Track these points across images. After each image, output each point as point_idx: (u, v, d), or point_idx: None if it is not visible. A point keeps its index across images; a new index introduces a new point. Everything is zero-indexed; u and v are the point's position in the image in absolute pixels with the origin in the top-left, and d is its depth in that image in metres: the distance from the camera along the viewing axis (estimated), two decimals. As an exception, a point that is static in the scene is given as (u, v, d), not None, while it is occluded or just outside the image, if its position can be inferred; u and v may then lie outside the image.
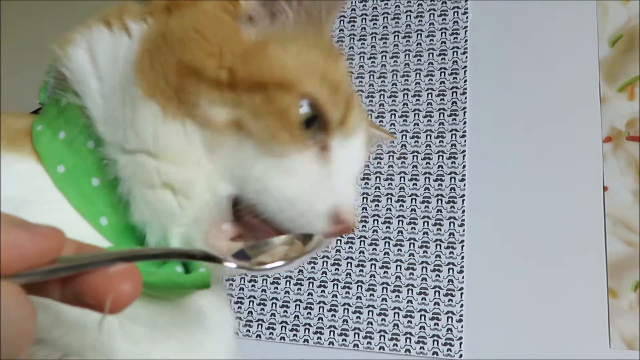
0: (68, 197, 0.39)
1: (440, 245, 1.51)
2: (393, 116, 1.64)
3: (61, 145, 0.40)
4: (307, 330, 1.55)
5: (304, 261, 0.42)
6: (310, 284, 1.59)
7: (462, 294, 1.46)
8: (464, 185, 1.53)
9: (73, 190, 0.39)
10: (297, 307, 1.58)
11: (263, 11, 0.43)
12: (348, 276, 1.56)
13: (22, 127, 0.42)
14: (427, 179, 1.56)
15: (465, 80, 1.60)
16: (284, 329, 1.58)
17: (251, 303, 1.63)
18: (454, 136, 1.57)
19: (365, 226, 1.58)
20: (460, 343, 1.43)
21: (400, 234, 1.55)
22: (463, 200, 1.52)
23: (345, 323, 1.53)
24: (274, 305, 1.60)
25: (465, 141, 1.56)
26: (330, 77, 0.43)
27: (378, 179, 1.61)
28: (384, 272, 1.53)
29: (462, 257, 1.48)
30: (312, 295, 1.58)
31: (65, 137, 0.40)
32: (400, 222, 1.56)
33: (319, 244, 0.38)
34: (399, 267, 1.53)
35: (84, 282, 0.26)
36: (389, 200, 1.58)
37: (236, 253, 0.36)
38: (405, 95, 1.65)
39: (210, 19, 0.41)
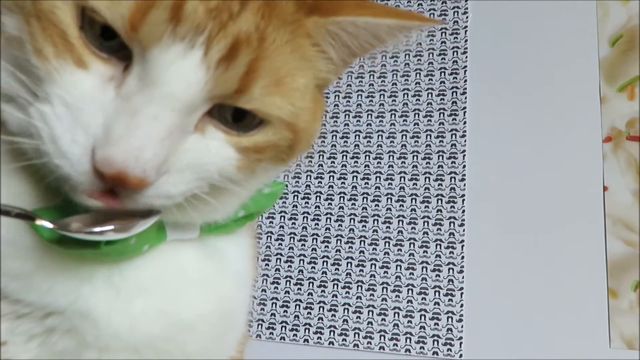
0: None
1: (440, 245, 1.51)
2: (393, 116, 1.64)
3: None
4: (307, 330, 1.55)
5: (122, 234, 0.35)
6: (310, 284, 1.59)
7: (462, 294, 1.46)
8: (464, 185, 1.53)
9: None
10: (297, 307, 1.58)
11: None
12: (348, 276, 1.56)
13: None
14: (427, 179, 1.56)
15: (465, 80, 1.60)
16: (284, 329, 1.58)
17: (252, 302, 1.63)
18: (454, 136, 1.57)
19: (365, 226, 1.58)
20: (460, 343, 1.43)
21: (400, 234, 1.55)
22: (463, 200, 1.52)
23: (345, 323, 1.53)
24: (274, 305, 1.60)
25: (465, 141, 1.56)
26: None
27: (378, 179, 1.61)
28: (384, 272, 1.53)
29: (462, 257, 1.48)
30: (312, 295, 1.58)
31: None
32: (400, 222, 1.56)
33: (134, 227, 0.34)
34: (399, 267, 1.53)
35: None
36: (389, 200, 1.58)
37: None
38: (405, 95, 1.65)
39: None
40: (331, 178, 1.65)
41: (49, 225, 0.33)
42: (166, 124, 0.32)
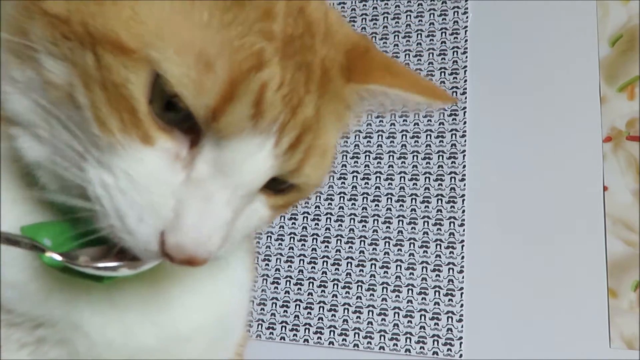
0: None
1: (440, 245, 1.51)
2: (393, 116, 1.64)
3: None
4: (307, 330, 1.55)
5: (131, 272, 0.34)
6: (310, 284, 1.59)
7: (462, 294, 1.46)
8: (464, 185, 1.53)
9: None
10: (297, 307, 1.58)
11: None
12: (348, 276, 1.56)
13: None
14: (427, 179, 1.56)
15: (465, 80, 1.60)
16: (284, 329, 1.58)
17: (251, 303, 1.63)
18: (454, 136, 1.57)
19: (365, 226, 1.58)
20: (460, 343, 1.43)
21: (400, 234, 1.55)
22: (463, 200, 1.52)
23: (345, 323, 1.53)
24: (274, 305, 1.60)
25: (465, 141, 1.56)
26: (202, 45, 0.30)
27: (378, 179, 1.61)
28: (384, 272, 1.53)
29: (462, 257, 1.48)
30: (312, 295, 1.58)
31: None
32: (400, 222, 1.56)
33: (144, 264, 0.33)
34: (399, 267, 1.53)
35: None
36: (389, 200, 1.58)
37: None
38: (405, 95, 1.64)
39: None
40: (331, 178, 1.65)
41: (59, 257, 0.32)
42: (234, 208, 0.33)
